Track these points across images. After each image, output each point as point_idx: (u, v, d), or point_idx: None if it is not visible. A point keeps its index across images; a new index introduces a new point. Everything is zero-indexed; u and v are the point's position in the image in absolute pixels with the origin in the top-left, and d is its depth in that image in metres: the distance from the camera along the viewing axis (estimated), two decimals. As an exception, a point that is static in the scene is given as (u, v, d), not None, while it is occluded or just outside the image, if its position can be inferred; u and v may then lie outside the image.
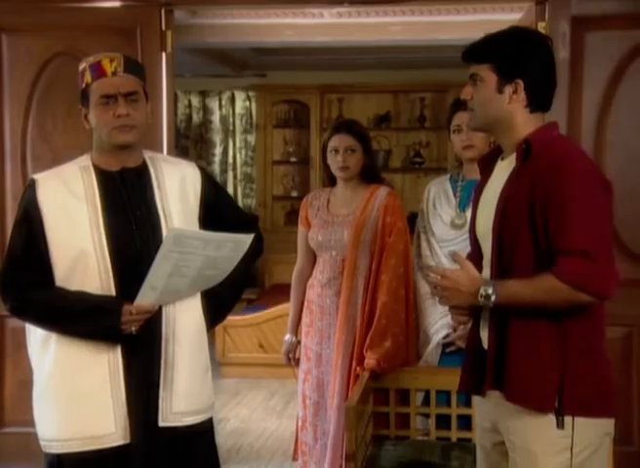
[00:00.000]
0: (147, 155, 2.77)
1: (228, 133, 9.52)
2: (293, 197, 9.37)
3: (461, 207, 3.57)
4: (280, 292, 7.47)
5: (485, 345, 2.49)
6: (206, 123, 9.53)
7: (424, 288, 3.60)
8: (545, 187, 2.29)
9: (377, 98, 9.16)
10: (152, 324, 2.61)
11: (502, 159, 2.54)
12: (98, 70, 2.63)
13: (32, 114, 4.52)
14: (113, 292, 2.59)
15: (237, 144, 9.52)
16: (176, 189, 2.72)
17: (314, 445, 3.70)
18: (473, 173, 3.52)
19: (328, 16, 6.37)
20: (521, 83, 2.40)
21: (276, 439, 5.30)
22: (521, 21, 4.91)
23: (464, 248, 3.36)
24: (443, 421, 3.57)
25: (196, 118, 9.51)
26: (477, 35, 2.53)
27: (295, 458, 3.87)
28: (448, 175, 3.73)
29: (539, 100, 2.46)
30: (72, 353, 2.61)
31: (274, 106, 9.21)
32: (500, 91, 2.42)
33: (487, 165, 2.62)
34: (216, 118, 9.51)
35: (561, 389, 2.31)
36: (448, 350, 3.54)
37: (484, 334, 2.49)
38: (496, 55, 2.43)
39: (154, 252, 2.52)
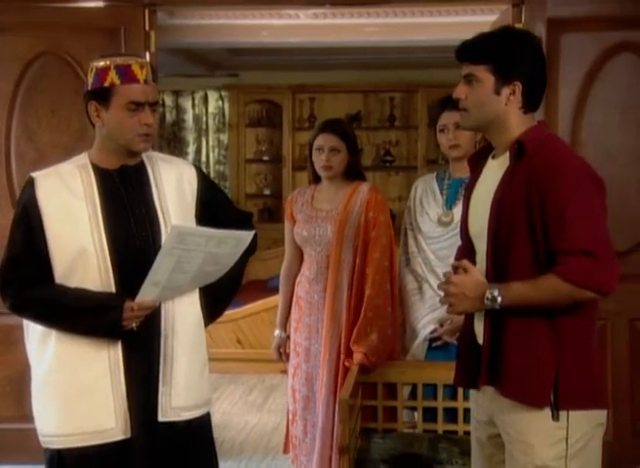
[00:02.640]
0: (145, 154, 2.74)
1: (201, 132, 9.47)
2: (265, 195, 9.39)
3: (448, 205, 3.57)
4: (256, 289, 7.45)
5: (479, 340, 2.49)
6: (179, 122, 9.48)
7: (411, 283, 3.61)
8: (542, 188, 2.29)
9: (347, 98, 9.16)
10: (151, 319, 2.58)
11: (494, 157, 2.53)
12: (128, 74, 2.56)
13: (16, 113, 4.46)
14: (113, 290, 2.56)
15: (210, 143, 9.48)
16: (173, 187, 2.70)
17: (304, 438, 3.68)
18: (459, 171, 3.54)
19: (304, 17, 6.35)
20: (519, 85, 2.39)
21: (258, 432, 5.27)
22: (496, 23, 4.92)
23: (451, 245, 3.40)
24: (429, 414, 3.58)
25: (169, 117, 9.44)
26: (451, 37, 2.51)
27: (285, 451, 3.85)
28: (434, 174, 3.72)
29: (532, 102, 2.46)
30: (72, 349, 2.58)
31: (247, 106, 9.21)
32: (498, 92, 2.40)
33: (477, 163, 2.62)
34: (189, 117, 9.46)
35: (556, 384, 2.32)
36: (434, 345, 3.54)
37: (478, 330, 2.49)
38: (494, 56, 2.40)
39: (153, 249, 2.51)
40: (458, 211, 3.47)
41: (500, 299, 2.30)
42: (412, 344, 3.58)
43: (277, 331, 3.83)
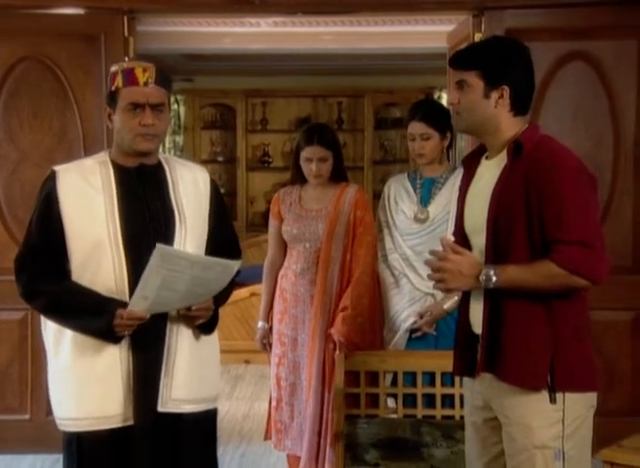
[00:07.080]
0: (162, 156, 2.72)
1: (158, 134, 9.35)
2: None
3: (423, 202, 3.60)
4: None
5: (475, 330, 2.51)
6: (136, 125, 9.33)
7: (389, 278, 3.62)
8: (541, 185, 2.32)
9: (297, 102, 9.22)
10: (159, 314, 2.53)
11: (487, 158, 2.56)
12: (130, 77, 2.54)
13: (-1, 116, 4.36)
14: (126, 282, 2.52)
15: (166, 145, 9.33)
16: (189, 187, 2.67)
17: (290, 423, 3.66)
18: (429, 172, 3.64)
19: (264, 25, 6.30)
20: (507, 89, 2.43)
21: (230, 420, 5.22)
22: (455, 32, 4.97)
23: (428, 240, 3.46)
24: (408, 399, 3.58)
25: (126, 120, 9.28)
26: (406, 45, 2.54)
27: (267, 438, 3.81)
28: (405, 174, 3.76)
29: (521, 105, 2.49)
30: (88, 337, 2.53)
31: (202, 109, 9.19)
32: (487, 96, 2.44)
33: (471, 163, 2.63)
34: (145, 120, 9.32)
35: (552, 368, 2.35)
36: (414, 335, 3.55)
37: (474, 320, 2.51)
38: (482, 62, 2.45)
39: (166, 244, 2.47)
40: (432, 208, 3.56)
41: (494, 279, 2.32)
42: (393, 336, 3.58)
43: (260, 323, 3.80)
